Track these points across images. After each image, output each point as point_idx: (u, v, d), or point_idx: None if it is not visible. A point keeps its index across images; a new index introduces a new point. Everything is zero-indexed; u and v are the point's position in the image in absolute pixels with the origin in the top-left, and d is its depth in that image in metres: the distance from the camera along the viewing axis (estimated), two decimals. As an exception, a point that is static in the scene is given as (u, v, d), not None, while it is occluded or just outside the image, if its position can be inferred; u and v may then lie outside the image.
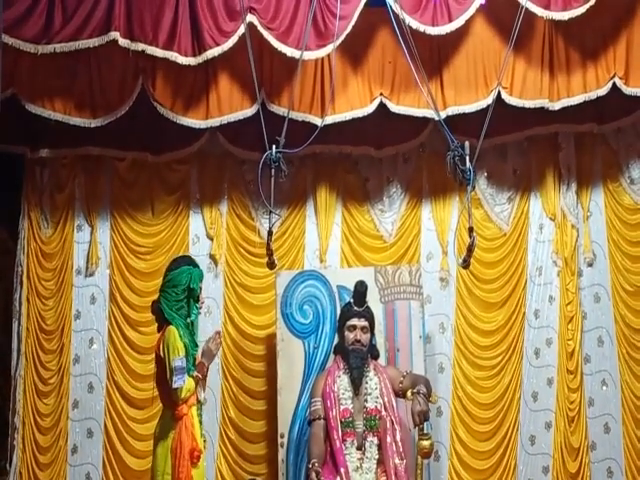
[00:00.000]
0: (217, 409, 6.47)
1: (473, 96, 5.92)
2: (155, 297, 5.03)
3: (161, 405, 5.01)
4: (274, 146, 4.92)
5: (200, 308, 5.03)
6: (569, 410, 6.55)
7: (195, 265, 4.99)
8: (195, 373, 4.82)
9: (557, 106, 6.01)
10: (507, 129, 6.48)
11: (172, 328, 4.75)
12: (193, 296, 4.88)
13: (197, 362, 4.89)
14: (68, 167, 6.64)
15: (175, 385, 4.62)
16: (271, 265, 5.24)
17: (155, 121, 6.01)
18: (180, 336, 4.73)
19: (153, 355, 5.14)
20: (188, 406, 4.74)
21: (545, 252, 6.75)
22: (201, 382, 4.92)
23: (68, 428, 6.43)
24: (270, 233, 5.11)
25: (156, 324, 5.89)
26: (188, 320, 4.87)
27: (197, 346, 4.95)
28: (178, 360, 4.64)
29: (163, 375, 4.73)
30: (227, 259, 6.68)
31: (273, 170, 4.94)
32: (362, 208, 6.79)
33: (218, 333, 5.18)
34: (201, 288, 4.97)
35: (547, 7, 5.56)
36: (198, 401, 4.88)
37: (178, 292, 4.83)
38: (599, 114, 6.50)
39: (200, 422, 4.88)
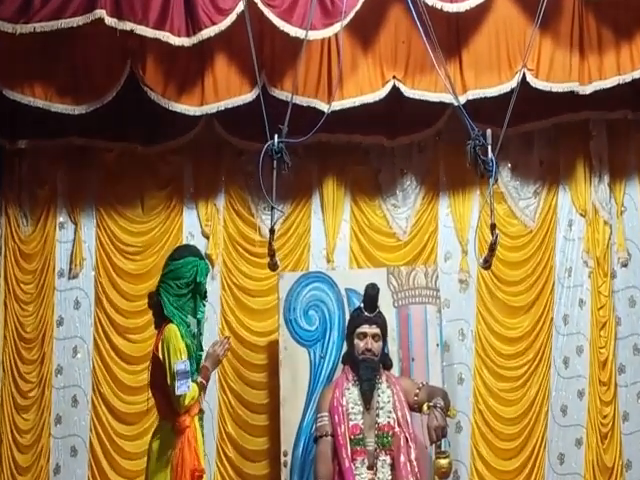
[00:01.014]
0: (214, 424, 6.31)
1: (495, 79, 5.73)
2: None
3: (155, 418, 4.89)
4: (276, 135, 4.70)
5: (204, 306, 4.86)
6: (602, 425, 6.41)
7: (201, 257, 4.80)
8: (199, 379, 4.57)
9: (588, 90, 5.81)
10: (533, 116, 6.33)
11: (172, 327, 4.50)
12: (200, 292, 4.68)
13: (201, 366, 4.67)
14: (50, 159, 6.55)
15: (178, 392, 4.37)
16: (273, 267, 5.03)
17: (145, 108, 5.88)
18: (182, 336, 4.49)
19: (143, 365, 5.20)
20: (191, 417, 4.49)
21: (575, 251, 6.62)
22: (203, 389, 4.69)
23: (50, 446, 6.33)
24: (272, 232, 4.87)
25: (146, 330, 5.97)
26: (193, 319, 4.64)
27: (202, 349, 4.74)
28: (181, 364, 4.40)
29: (162, 380, 4.45)
30: (224, 259, 6.54)
31: (275, 162, 4.72)
32: (373, 203, 6.66)
33: (227, 338, 5.04)
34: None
35: (577, -19, 5.47)
36: (201, 410, 4.66)
37: (181, 285, 4.59)
38: (634, 99, 6.33)
39: (202, 435, 4.65)
